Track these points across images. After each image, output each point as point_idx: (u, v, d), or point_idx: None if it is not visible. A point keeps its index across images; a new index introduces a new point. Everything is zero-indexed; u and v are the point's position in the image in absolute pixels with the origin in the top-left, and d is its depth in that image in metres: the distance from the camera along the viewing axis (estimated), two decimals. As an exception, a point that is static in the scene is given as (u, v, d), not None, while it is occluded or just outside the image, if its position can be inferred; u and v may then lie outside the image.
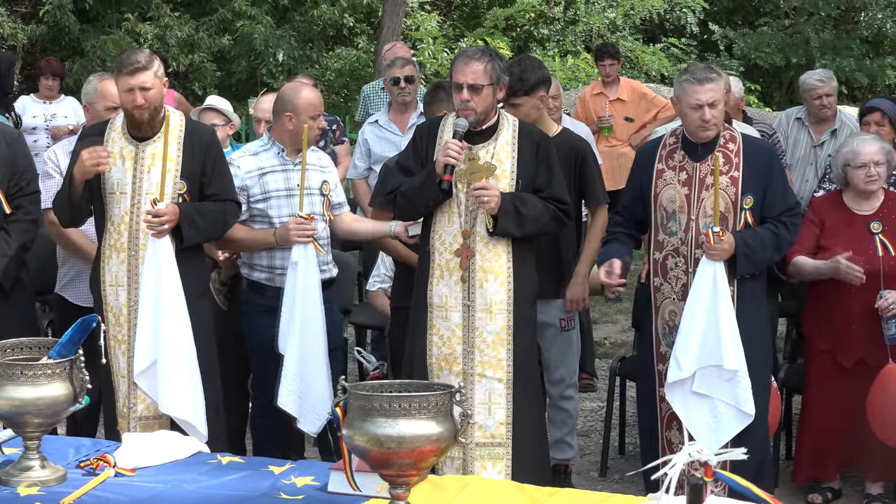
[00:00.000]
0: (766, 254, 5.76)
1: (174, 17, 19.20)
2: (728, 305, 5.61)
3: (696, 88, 5.78)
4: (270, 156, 6.43)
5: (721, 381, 5.61)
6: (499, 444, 5.79)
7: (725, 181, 5.77)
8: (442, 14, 22.20)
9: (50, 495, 3.87)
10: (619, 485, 7.01)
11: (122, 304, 5.85)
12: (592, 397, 8.57)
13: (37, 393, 3.93)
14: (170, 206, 5.74)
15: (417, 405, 3.45)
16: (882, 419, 6.20)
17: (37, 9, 19.13)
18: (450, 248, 5.80)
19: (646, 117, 11.51)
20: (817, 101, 8.70)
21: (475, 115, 5.76)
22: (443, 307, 5.81)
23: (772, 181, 5.81)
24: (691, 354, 5.62)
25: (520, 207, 5.74)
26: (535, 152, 5.89)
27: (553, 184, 5.92)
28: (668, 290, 5.91)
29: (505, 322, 5.79)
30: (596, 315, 10.69)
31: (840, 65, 19.72)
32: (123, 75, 5.81)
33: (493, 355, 5.77)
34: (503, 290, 5.80)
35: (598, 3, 20.51)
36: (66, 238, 6.53)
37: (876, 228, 6.42)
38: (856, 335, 6.38)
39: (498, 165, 5.80)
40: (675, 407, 5.73)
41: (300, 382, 6.04)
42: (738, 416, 5.65)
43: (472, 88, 5.72)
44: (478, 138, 5.84)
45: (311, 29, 19.98)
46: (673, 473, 3.46)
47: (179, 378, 5.68)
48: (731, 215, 5.77)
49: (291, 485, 4.03)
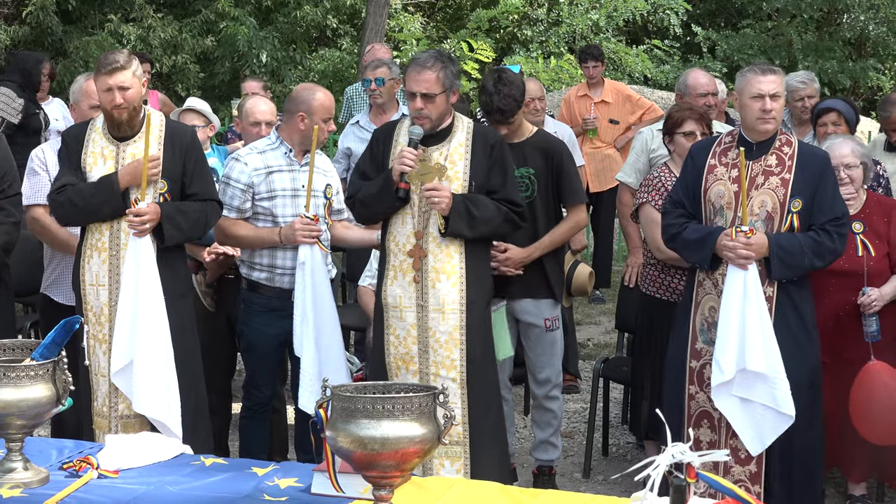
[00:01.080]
0: (805, 259, 5.70)
1: (157, 18, 19.16)
2: (757, 307, 5.59)
3: (759, 78, 5.81)
4: (278, 155, 6.43)
5: (758, 384, 5.62)
6: (456, 442, 5.83)
7: (776, 181, 5.77)
8: (425, 15, 22.19)
9: (33, 497, 3.87)
10: (602, 486, 7.02)
11: (102, 304, 5.84)
12: (576, 398, 8.57)
13: (20, 395, 3.93)
14: (151, 205, 5.74)
15: (401, 407, 3.46)
16: (865, 417, 6.21)
17: (20, 10, 19.08)
18: (403, 249, 5.85)
19: (630, 119, 11.51)
20: (799, 102, 8.71)
21: (430, 122, 5.82)
22: (397, 307, 5.85)
23: (822, 188, 5.78)
24: (730, 356, 5.62)
25: (472, 209, 5.77)
26: (489, 154, 5.92)
27: (507, 185, 5.96)
28: (710, 286, 5.88)
29: (458, 322, 5.82)
30: (579, 316, 10.71)
31: (823, 67, 19.76)
32: (102, 75, 5.82)
33: (446, 355, 5.80)
34: (455, 291, 5.82)
35: (582, 4, 20.53)
36: (51, 234, 6.50)
37: (857, 229, 6.45)
38: (835, 333, 6.40)
39: (451, 167, 5.84)
40: (722, 410, 5.72)
41: (321, 383, 6.02)
42: (779, 418, 5.65)
43: (425, 97, 5.77)
44: (431, 140, 5.88)
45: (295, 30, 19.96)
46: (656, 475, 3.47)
47: (154, 378, 5.66)
48: (778, 216, 5.75)
49: (275, 486, 4.04)
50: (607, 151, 11.32)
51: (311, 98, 6.45)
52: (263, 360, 6.40)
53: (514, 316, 6.75)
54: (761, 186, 5.77)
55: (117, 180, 5.78)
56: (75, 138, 5.96)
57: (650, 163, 7.65)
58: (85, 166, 5.88)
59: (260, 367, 6.47)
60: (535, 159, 6.64)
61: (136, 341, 5.65)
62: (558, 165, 6.65)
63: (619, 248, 13.46)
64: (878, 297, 6.30)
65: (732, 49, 20.68)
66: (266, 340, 6.34)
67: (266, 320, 6.36)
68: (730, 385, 5.67)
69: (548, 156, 6.65)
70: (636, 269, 7.44)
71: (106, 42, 17.91)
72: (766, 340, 5.61)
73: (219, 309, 6.89)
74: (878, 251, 6.42)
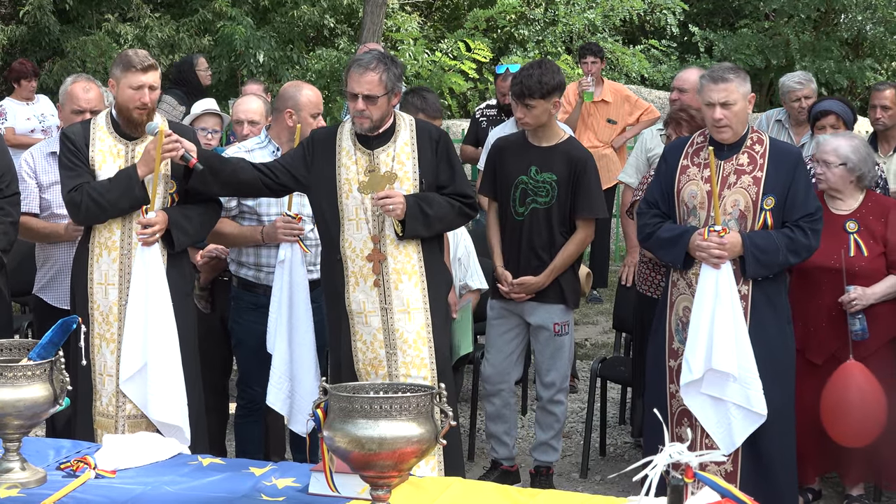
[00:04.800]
0: (779, 256, 5.74)
1: (154, 17, 19.13)
2: (730, 307, 5.63)
3: (709, 87, 5.83)
4: (265, 154, 6.43)
5: (730, 383, 5.63)
6: None
7: (748, 180, 5.80)
8: (423, 15, 22.18)
9: (30, 497, 3.86)
10: (599, 486, 7.02)
11: (111, 303, 5.81)
12: (573, 398, 8.58)
13: (17, 394, 3.92)
14: (160, 214, 5.72)
15: (398, 406, 3.46)
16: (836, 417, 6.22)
17: (17, 9, 19.05)
18: (361, 255, 5.82)
19: (628, 120, 11.53)
20: (796, 103, 8.71)
21: (371, 122, 5.78)
22: (361, 313, 5.83)
23: (795, 184, 5.80)
24: (699, 356, 5.64)
25: (425, 208, 5.78)
26: (435, 150, 5.92)
27: (455, 179, 5.97)
28: (684, 286, 5.91)
29: (424, 320, 5.83)
30: (577, 317, 10.71)
31: (820, 67, 19.74)
32: (136, 72, 5.76)
33: (415, 355, 5.80)
34: (418, 290, 5.83)
35: (578, 4, 20.51)
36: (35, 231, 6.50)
37: (851, 228, 6.46)
38: (825, 333, 6.41)
39: (399, 167, 5.83)
40: (691, 408, 5.76)
41: (289, 382, 6.05)
42: (750, 417, 5.67)
43: (367, 98, 5.74)
44: (376, 142, 5.86)
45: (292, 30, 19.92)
46: (654, 475, 3.46)
47: (168, 384, 5.67)
48: (751, 215, 5.78)
49: (272, 486, 4.03)
50: (604, 151, 11.32)
51: (297, 94, 6.46)
52: (254, 357, 6.42)
53: (523, 318, 6.76)
54: (734, 185, 5.81)
55: (135, 172, 5.74)
56: (80, 136, 5.90)
57: (648, 162, 7.67)
58: (93, 164, 5.84)
59: (251, 364, 6.48)
60: (559, 166, 6.63)
61: (148, 349, 5.65)
62: (580, 175, 6.63)
63: (617, 247, 13.47)
64: (860, 295, 6.30)
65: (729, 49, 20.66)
66: (256, 337, 6.34)
67: (255, 317, 6.37)
68: (699, 384, 5.70)
69: (572, 164, 6.64)
70: (633, 268, 7.45)
71: (103, 42, 17.88)
72: (739, 340, 5.65)
73: (213, 310, 6.90)
74: (871, 251, 6.42)
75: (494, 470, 6.90)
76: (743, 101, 5.83)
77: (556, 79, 6.62)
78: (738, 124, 5.85)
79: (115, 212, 5.78)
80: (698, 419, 5.72)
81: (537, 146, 6.67)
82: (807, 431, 6.45)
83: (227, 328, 6.79)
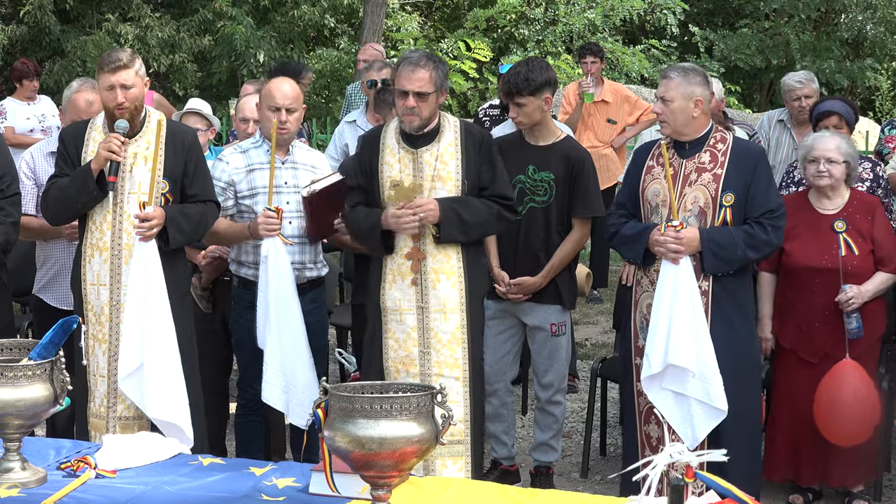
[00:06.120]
0: (737, 252, 5.77)
1: (155, 17, 19.15)
2: (689, 302, 5.67)
3: (660, 81, 6.01)
4: (260, 153, 6.44)
5: (690, 379, 5.65)
6: (458, 441, 5.85)
7: (708, 177, 5.83)
8: (423, 15, 22.19)
9: (31, 497, 3.86)
10: (600, 486, 7.02)
11: (103, 304, 5.82)
12: (574, 398, 8.58)
13: (17, 394, 3.92)
14: (157, 209, 5.73)
15: (399, 406, 3.46)
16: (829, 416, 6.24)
17: (17, 9, 19.06)
18: (400, 252, 5.87)
19: (628, 120, 11.53)
20: (796, 102, 8.72)
21: (420, 120, 5.85)
22: (397, 311, 5.88)
23: (755, 182, 5.84)
24: (658, 351, 5.67)
25: (462, 214, 5.83)
26: (479, 150, 5.97)
27: (496, 180, 6.01)
28: (647, 284, 5.96)
29: (459, 321, 5.87)
30: (577, 316, 10.71)
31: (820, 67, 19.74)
32: (105, 73, 5.78)
33: (449, 354, 5.84)
34: (456, 291, 5.87)
35: (578, 3, 20.51)
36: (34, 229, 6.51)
37: (840, 227, 6.47)
38: (819, 332, 6.44)
39: (443, 167, 5.88)
40: (653, 402, 5.79)
41: (284, 377, 6.05)
42: (711, 413, 5.69)
43: (418, 95, 5.81)
44: (421, 141, 5.91)
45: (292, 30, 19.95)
46: (654, 475, 3.47)
47: (166, 381, 5.66)
48: (710, 211, 5.81)
49: (273, 486, 4.03)
50: (604, 151, 11.31)
51: (262, 89, 6.52)
52: (254, 357, 6.41)
53: (520, 318, 6.75)
54: (694, 183, 5.87)
55: (90, 169, 5.74)
56: (74, 137, 5.93)
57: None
58: None
59: (251, 363, 6.47)
60: (557, 165, 6.63)
61: (146, 346, 5.65)
62: (578, 174, 6.64)
63: (617, 247, 13.46)
64: (857, 294, 6.34)
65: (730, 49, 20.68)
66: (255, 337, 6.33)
67: (255, 316, 6.35)
68: (661, 378, 5.73)
69: (570, 163, 6.64)
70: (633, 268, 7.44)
71: (103, 41, 17.89)
72: (699, 335, 5.67)
73: (214, 310, 6.90)
74: (861, 249, 6.45)
75: (494, 470, 6.90)
76: (683, 101, 5.86)
77: (543, 75, 6.61)
78: (677, 122, 5.89)
79: (75, 206, 5.83)
80: (662, 414, 5.73)
81: (534, 145, 6.68)
82: (803, 432, 6.47)
83: (228, 329, 6.79)
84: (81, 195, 5.76)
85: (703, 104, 5.90)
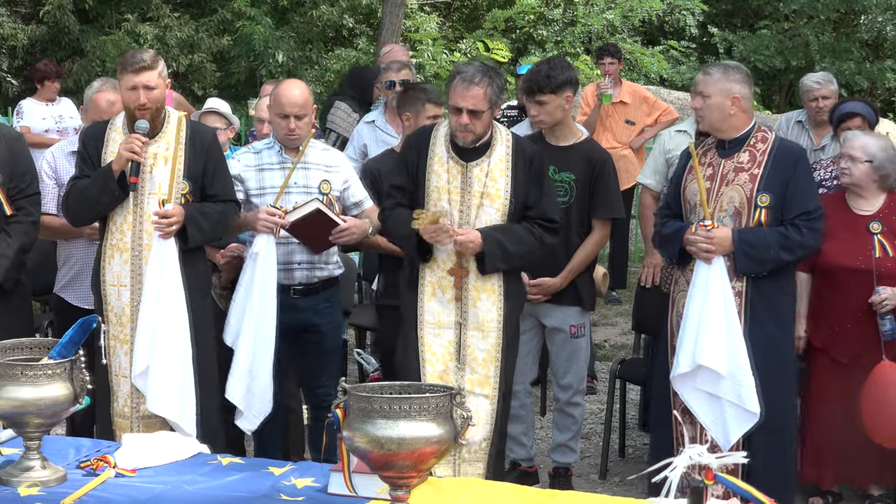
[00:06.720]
0: (770, 253, 5.72)
1: (174, 17, 19.18)
2: (722, 302, 5.63)
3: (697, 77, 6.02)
4: (272, 154, 6.44)
5: (722, 379, 5.62)
6: (478, 459, 5.81)
7: (745, 177, 5.80)
8: (442, 15, 22.17)
9: (50, 496, 3.87)
10: (619, 487, 7.01)
11: (124, 304, 5.83)
12: (592, 400, 8.56)
13: (37, 393, 3.93)
14: (177, 207, 5.74)
15: (418, 407, 3.45)
16: (875, 417, 6.20)
17: (37, 9, 19.11)
18: (443, 266, 5.78)
19: (647, 121, 11.52)
20: (814, 102, 8.69)
21: (474, 136, 5.74)
22: (435, 324, 5.79)
23: (793, 183, 5.79)
24: (687, 351, 5.65)
25: (506, 245, 5.73)
26: (529, 168, 5.85)
27: (542, 201, 5.90)
28: (683, 283, 5.92)
29: (496, 339, 5.79)
30: (596, 318, 10.70)
31: (840, 68, 19.67)
32: (128, 73, 5.78)
33: (483, 373, 5.76)
34: (495, 309, 5.79)
35: (597, 4, 20.49)
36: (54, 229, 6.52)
37: (875, 229, 6.45)
38: (851, 333, 6.41)
39: (492, 184, 5.75)
40: (687, 402, 5.76)
41: (249, 378, 6.03)
42: (744, 416, 5.65)
43: (472, 113, 5.67)
44: (472, 155, 5.80)
45: (311, 30, 19.96)
46: (673, 476, 3.46)
47: (170, 378, 5.67)
48: (745, 211, 5.78)
49: (291, 486, 4.03)
50: (623, 152, 11.30)
51: (273, 93, 6.49)
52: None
53: (539, 320, 6.74)
54: (731, 182, 5.83)
55: (110, 169, 5.75)
56: (94, 138, 5.95)
57: (667, 163, 7.66)
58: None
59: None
60: (577, 165, 6.61)
61: (157, 342, 5.66)
62: (598, 175, 6.62)
63: (637, 249, 13.45)
64: (891, 295, 6.30)
65: (749, 50, 20.61)
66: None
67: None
68: (694, 378, 5.69)
69: (591, 164, 6.62)
70: (652, 269, 7.43)
71: (123, 41, 17.93)
72: (731, 336, 5.63)
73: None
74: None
75: (513, 471, 6.90)
76: (720, 97, 5.85)
77: (565, 73, 6.59)
78: (713, 118, 5.88)
79: (97, 207, 5.85)
80: (695, 414, 5.71)
81: (555, 145, 6.66)
82: (828, 430, 6.44)
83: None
84: (103, 196, 5.78)
85: (742, 102, 5.86)
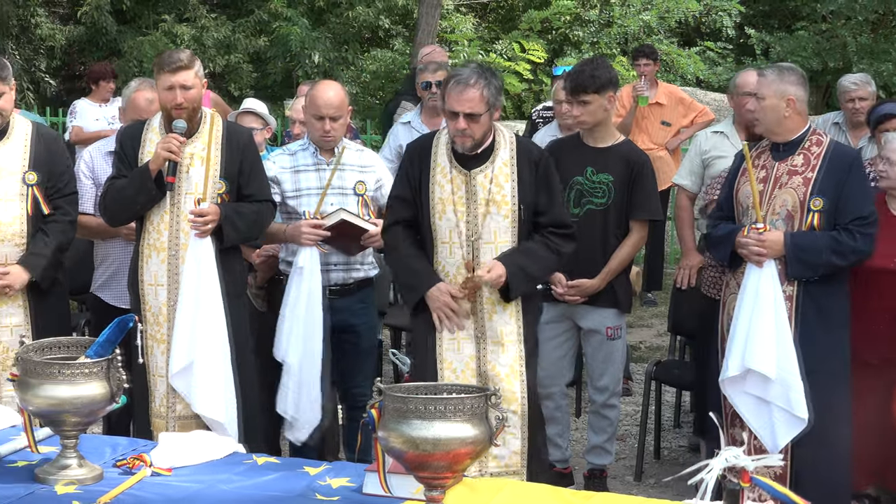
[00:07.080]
0: (822, 257, 5.67)
1: (211, 18, 19.28)
2: (772, 306, 5.59)
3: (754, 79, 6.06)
4: (307, 155, 6.45)
5: (772, 384, 5.59)
6: (514, 472, 5.71)
7: (798, 181, 5.76)
8: (478, 16, 22.18)
9: (87, 494, 3.88)
10: (654, 489, 6.99)
11: (161, 304, 5.85)
12: (628, 401, 8.54)
13: (74, 392, 3.95)
14: (213, 206, 5.76)
15: (453, 408, 3.45)
16: None
17: (75, 10, 19.23)
18: (454, 281, 5.69)
19: (682, 122, 11.48)
20: (851, 104, 8.65)
21: (472, 141, 5.62)
22: (454, 339, 5.70)
23: (848, 187, 5.73)
24: (736, 354, 5.62)
25: (529, 269, 5.67)
26: (535, 171, 5.74)
27: (553, 207, 5.79)
28: (734, 286, 5.89)
29: (517, 352, 5.72)
30: (631, 319, 10.67)
31: (878, 69, 19.55)
32: (164, 73, 5.81)
33: (507, 388, 5.64)
34: (513, 321, 5.73)
35: (634, 5, 20.45)
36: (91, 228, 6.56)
37: None
38: (883, 335, 6.36)
39: (497, 190, 5.67)
40: (735, 406, 5.74)
41: (298, 391, 6.06)
42: (792, 421, 5.61)
43: (469, 117, 5.54)
44: (474, 162, 5.70)
45: (347, 31, 20.01)
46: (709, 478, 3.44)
47: (214, 379, 5.69)
48: (798, 215, 5.74)
49: (327, 486, 4.03)
50: (659, 153, 11.26)
51: (308, 94, 6.50)
52: None
53: (575, 321, 6.72)
54: (785, 186, 5.79)
55: (148, 169, 5.78)
56: (131, 138, 5.98)
57: (703, 164, 7.63)
58: None
59: None
60: (616, 167, 6.58)
61: (197, 342, 5.68)
62: (637, 176, 6.59)
63: (672, 250, 13.40)
64: None
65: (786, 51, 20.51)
66: None
67: None
68: (743, 382, 5.66)
69: (629, 165, 6.59)
70: (688, 271, 7.40)
71: (160, 42, 18.03)
72: (781, 340, 5.59)
73: (270, 309, 6.92)
74: None
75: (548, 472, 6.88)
76: (775, 99, 5.80)
77: (608, 73, 6.58)
78: (769, 120, 5.84)
79: (135, 207, 5.87)
80: (743, 418, 5.68)
81: (593, 147, 6.64)
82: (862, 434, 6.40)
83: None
84: (140, 195, 5.80)
85: (797, 104, 5.81)
